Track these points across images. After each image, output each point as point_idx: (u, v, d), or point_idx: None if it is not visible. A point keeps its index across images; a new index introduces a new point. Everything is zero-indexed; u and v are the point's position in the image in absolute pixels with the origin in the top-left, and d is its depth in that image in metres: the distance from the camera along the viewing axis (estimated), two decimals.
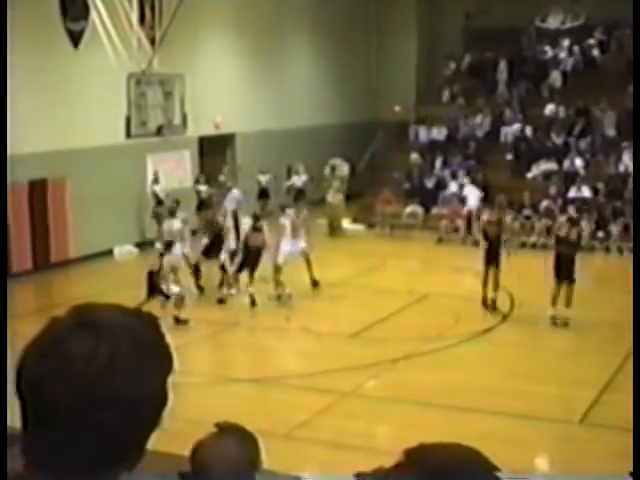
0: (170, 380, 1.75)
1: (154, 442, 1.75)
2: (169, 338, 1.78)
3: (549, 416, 11.92)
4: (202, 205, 26.14)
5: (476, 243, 24.55)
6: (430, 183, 27.79)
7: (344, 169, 30.01)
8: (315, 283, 18.83)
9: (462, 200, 27.21)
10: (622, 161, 26.68)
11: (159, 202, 24.38)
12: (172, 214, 18.59)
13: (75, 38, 22.17)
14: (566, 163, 27.20)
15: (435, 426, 11.23)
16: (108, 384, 1.63)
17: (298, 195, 29.39)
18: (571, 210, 19.56)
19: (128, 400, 1.64)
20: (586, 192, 25.70)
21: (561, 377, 13.53)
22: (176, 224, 18.36)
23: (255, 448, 3.45)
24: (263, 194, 28.38)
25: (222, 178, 26.96)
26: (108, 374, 1.63)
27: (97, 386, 1.62)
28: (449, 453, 1.81)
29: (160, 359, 1.73)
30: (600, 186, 25.86)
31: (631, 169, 26.01)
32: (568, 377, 13.48)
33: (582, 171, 26.79)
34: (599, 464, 10.30)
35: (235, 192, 24.12)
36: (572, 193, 25.70)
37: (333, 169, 29.72)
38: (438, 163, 28.60)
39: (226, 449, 3.37)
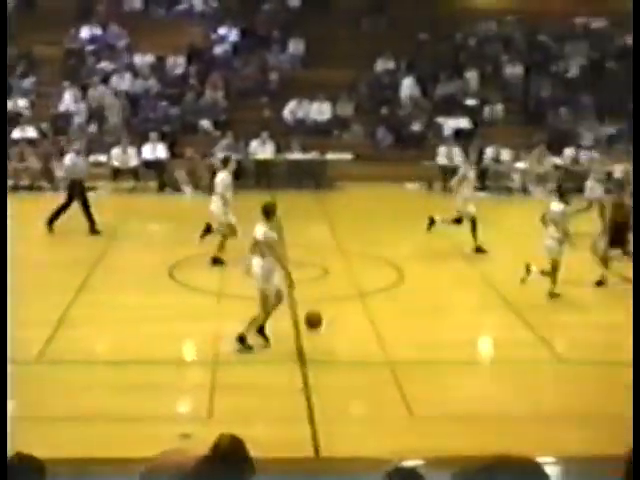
0: None
1: None
2: None
3: None
4: None
5: None
6: None
7: None
8: None
9: None
10: (63, 100, 26.98)
11: None
12: None
13: None
14: (10, 104, 26.69)
15: None
16: None
17: None
18: None
19: None
20: (31, 132, 25.66)
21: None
22: None
23: None
24: None
25: None
26: None
27: None
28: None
29: None
30: (45, 126, 25.99)
31: (72, 108, 26.61)
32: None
33: (27, 111, 26.67)
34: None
35: None
36: (17, 134, 25.42)
37: None
38: None
39: None
